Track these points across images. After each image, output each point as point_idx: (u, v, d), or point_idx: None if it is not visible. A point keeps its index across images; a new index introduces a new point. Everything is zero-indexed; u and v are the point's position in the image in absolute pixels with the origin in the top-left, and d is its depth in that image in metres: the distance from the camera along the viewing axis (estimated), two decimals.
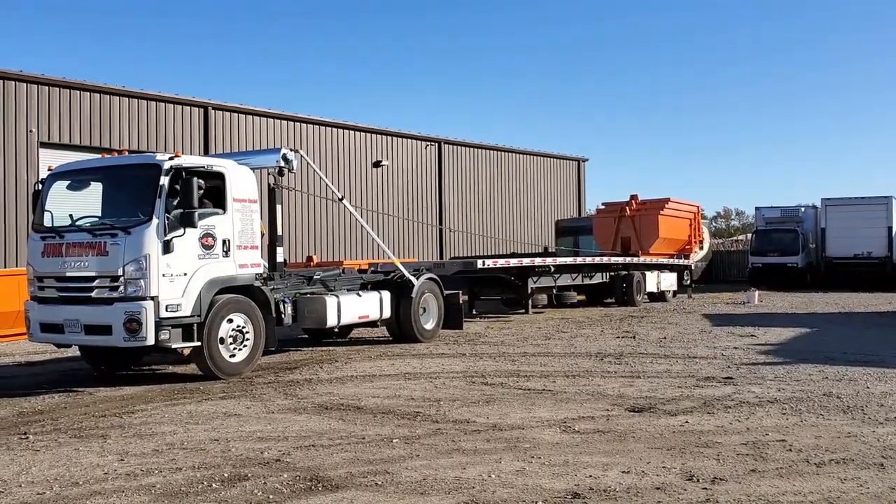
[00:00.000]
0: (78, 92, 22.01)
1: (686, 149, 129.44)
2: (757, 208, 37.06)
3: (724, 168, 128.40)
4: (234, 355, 10.67)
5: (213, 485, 5.75)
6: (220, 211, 10.65)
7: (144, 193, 9.98)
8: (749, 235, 41.20)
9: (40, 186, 10.98)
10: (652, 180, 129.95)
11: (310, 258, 22.08)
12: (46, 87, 21.38)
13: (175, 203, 9.99)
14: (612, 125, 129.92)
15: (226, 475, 5.99)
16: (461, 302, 15.78)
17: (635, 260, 23.79)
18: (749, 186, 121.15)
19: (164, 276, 9.80)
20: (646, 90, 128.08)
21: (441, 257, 30.71)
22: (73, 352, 11.92)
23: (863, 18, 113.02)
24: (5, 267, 19.31)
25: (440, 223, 31.78)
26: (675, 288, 26.18)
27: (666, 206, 25.82)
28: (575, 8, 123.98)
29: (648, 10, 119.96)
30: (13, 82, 20.74)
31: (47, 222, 10.69)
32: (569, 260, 21.92)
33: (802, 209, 35.93)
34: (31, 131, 20.91)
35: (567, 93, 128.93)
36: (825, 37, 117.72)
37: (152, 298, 9.69)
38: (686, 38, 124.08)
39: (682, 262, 26.84)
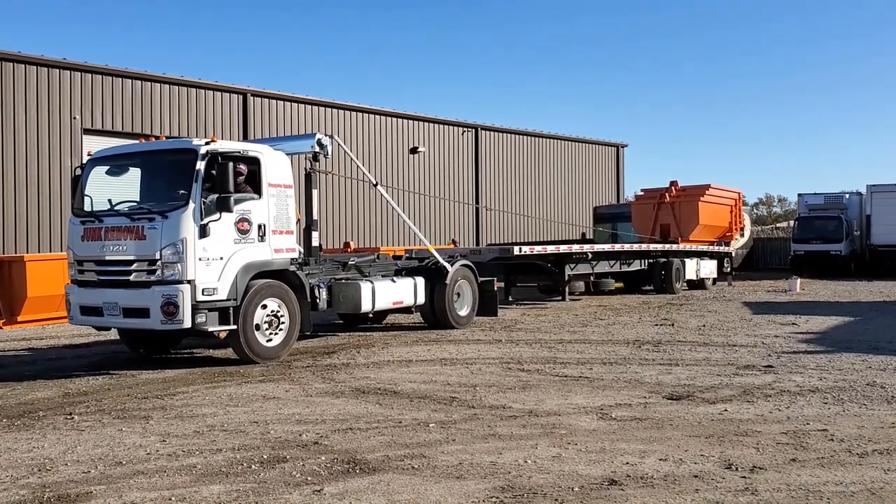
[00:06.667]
0: (120, 79, 22.33)
1: (728, 135, 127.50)
2: (800, 195, 36.37)
3: (766, 154, 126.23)
4: (270, 340, 10.77)
5: (253, 466, 5.83)
6: (255, 196, 10.73)
7: (181, 178, 10.08)
8: (791, 222, 40.47)
9: (80, 172, 11.16)
10: (692, 166, 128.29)
11: (347, 244, 22.22)
12: (89, 75, 21.73)
13: (210, 187, 10.08)
14: (652, 110, 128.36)
15: (265, 457, 6.06)
16: (496, 288, 15.74)
17: (674, 247, 23.49)
18: (792, 173, 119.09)
19: (200, 259, 9.91)
20: (687, 76, 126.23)
21: (478, 245, 30.67)
22: (115, 334, 12.15)
23: None
24: (51, 251, 19.73)
25: (477, 211, 31.73)
26: (714, 275, 25.82)
27: (706, 192, 25.46)
28: None
29: None
30: (57, 70, 21.11)
31: (87, 207, 10.87)
32: (606, 247, 21.73)
33: (847, 196, 35.14)
34: (74, 118, 21.29)
35: (607, 78, 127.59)
36: (872, 25, 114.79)
37: (189, 282, 9.80)
38: (728, 26, 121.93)
39: (722, 249, 26.47)
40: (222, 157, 10.18)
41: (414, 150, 30.10)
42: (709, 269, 25.30)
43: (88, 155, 11.41)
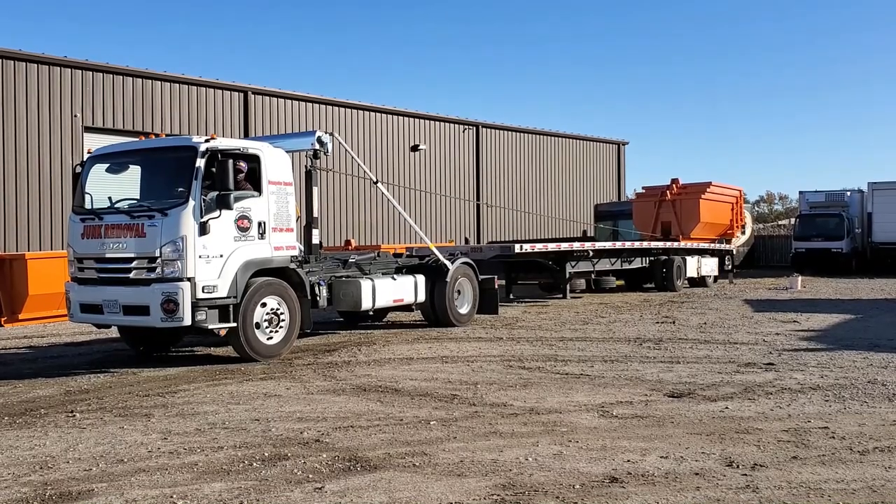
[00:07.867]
0: (121, 77, 22.34)
1: (729, 132, 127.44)
2: (801, 192, 36.31)
3: (767, 152, 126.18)
4: (270, 337, 10.76)
5: (254, 464, 5.83)
6: (255, 193, 10.71)
7: (181, 175, 10.07)
8: (792, 220, 40.42)
9: (80, 169, 11.15)
10: (693, 164, 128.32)
11: (348, 242, 22.27)
12: (90, 73, 21.74)
13: (210, 184, 10.06)
14: (653, 108, 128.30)
15: (266, 454, 6.07)
16: (496, 286, 15.74)
17: (675, 245, 23.47)
18: (793, 170, 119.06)
19: (200, 257, 9.90)
20: (688, 74, 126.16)
21: (478, 242, 30.67)
22: (116, 332, 12.15)
23: None
24: (52, 249, 19.73)
25: (477, 209, 31.73)
26: (715, 273, 25.81)
27: (707, 190, 25.43)
28: None
29: None
30: (58, 68, 21.11)
31: (87, 205, 10.86)
32: (608, 245, 21.72)
33: (848, 193, 35.09)
34: (75, 116, 21.30)
35: (608, 76, 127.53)
36: (875, 23, 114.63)
37: (189, 279, 9.80)
38: (730, 23, 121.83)
39: (723, 246, 26.45)
40: (222, 154, 10.17)
41: (415, 148, 30.10)
42: (710, 266, 25.29)
43: (89, 152, 11.41)
